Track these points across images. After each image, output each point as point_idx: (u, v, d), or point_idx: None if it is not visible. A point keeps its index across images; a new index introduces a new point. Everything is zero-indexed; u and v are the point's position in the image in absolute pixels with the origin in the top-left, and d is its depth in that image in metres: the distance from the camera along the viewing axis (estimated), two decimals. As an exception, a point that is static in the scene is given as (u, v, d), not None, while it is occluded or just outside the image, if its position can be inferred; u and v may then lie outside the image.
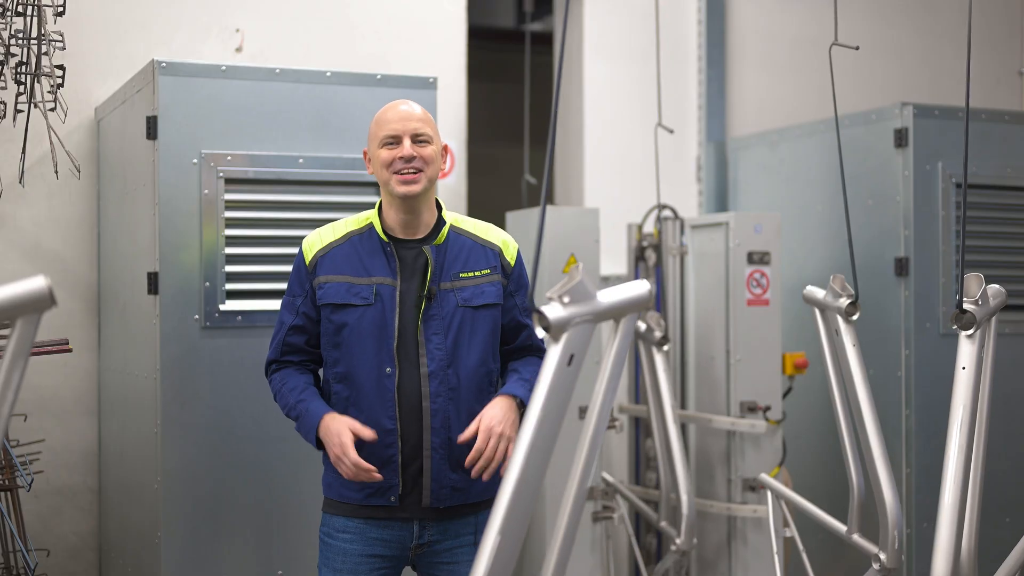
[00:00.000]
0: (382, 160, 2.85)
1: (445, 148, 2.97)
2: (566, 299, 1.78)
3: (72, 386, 4.43)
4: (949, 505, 2.53)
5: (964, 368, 2.61)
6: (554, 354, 1.77)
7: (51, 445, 4.33)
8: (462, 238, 2.93)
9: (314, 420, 2.81)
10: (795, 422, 4.82)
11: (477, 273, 2.90)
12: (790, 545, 4.83)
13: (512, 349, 3.00)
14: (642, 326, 4.75)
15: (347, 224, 2.94)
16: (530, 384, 2.88)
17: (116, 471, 4.21)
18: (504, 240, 2.98)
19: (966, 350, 2.63)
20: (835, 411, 3.44)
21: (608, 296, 1.85)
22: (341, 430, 2.75)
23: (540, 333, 1.80)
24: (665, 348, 4.69)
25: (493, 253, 2.94)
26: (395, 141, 2.85)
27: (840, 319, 3.32)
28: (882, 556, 3.24)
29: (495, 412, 2.76)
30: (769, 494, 3.76)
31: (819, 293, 3.40)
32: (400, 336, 2.82)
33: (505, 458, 2.73)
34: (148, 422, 3.65)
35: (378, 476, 2.75)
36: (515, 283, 2.97)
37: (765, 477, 3.80)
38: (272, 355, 2.97)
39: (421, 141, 2.86)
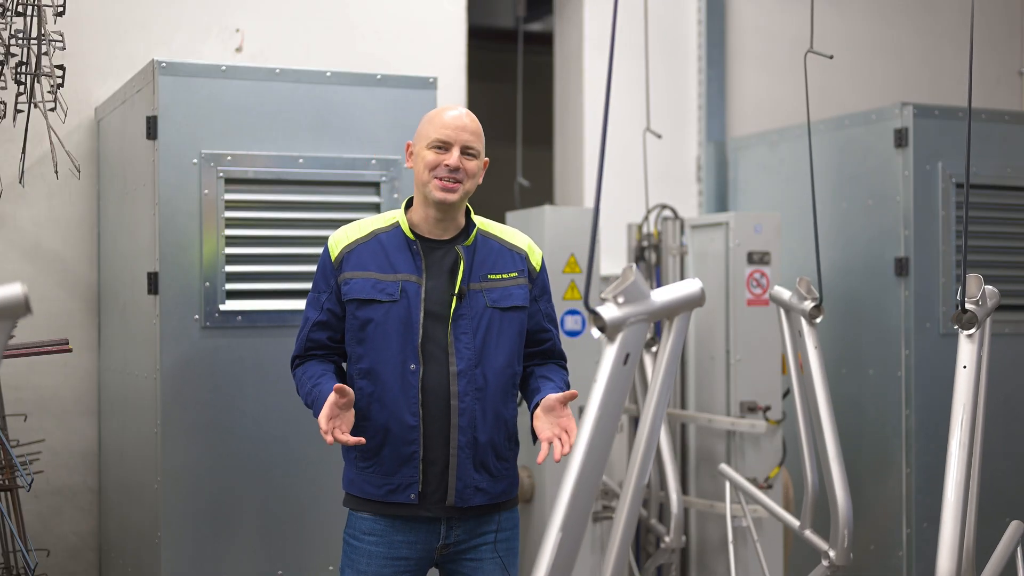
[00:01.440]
0: (427, 162, 2.86)
1: (485, 163, 2.98)
2: (620, 299, 1.81)
3: (72, 386, 4.43)
4: (952, 502, 2.56)
5: (965, 367, 2.65)
6: (610, 354, 1.80)
7: (51, 445, 4.33)
8: (490, 241, 2.95)
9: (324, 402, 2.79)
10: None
11: (505, 276, 2.92)
12: (791, 537, 4.83)
13: (534, 353, 3.01)
14: None
15: (373, 222, 2.96)
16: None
17: (116, 471, 4.21)
18: (530, 245, 3.01)
19: (967, 349, 2.68)
20: (796, 410, 3.52)
21: (662, 295, 1.89)
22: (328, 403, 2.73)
23: (595, 333, 1.82)
24: (653, 349, 4.71)
25: (520, 257, 2.96)
26: (444, 147, 2.86)
27: (803, 321, 3.40)
28: (832, 553, 3.34)
29: (573, 422, 2.75)
30: (727, 485, 3.80)
31: (785, 294, 3.48)
32: (426, 334, 2.83)
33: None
34: (148, 422, 3.65)
35: (353, 440, 2.72)
36: (539, 288, 3.00)
37: (724, 468, 3.83)
38: (297, 351, 2.98)
39: (469, 154, 2.88)
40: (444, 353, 2.83)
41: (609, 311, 1.80)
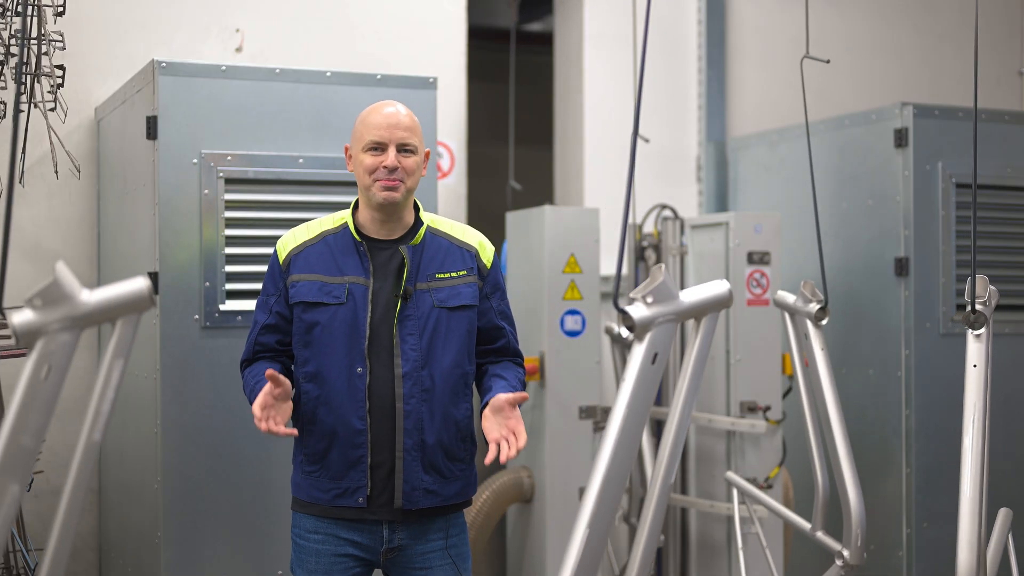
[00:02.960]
0: (365, 166, 2.83)
1: (427, 155, 2.95)
2: (649, 299, 1.84)
3: (72, 386, 4.42)
4: (969, 497, 2.59)
5: (975, 366, 2.68)
6: (638, 353, 1.83)
7: (51, 445, 4.33)
8: (438, 239, 2.91)
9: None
10: (795, 422, 4.82)
11: (453, 274, 2.88)
12: (791, 537, 4.83)
13: (488, 351, 2.97)
14: (615, 328, 4.78)
15: (321, 224, 2.94)
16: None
17: (116, 471, 4.21)
18: (480, 242, 2.96)
19: (976, 348, 2.71)
20: (803, 412, 3.57)
21: (690, 296, 1.92)
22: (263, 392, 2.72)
23: (624, 333, 1.85)
24: None
25: (469, 255, 2.92)
26: (380, 148, 2.83)
27: (809, 324, 3.44)
28: (845, 553, 3.39)
29: (522, 425, 2.74)
30: (735, 492, 3.82)
31: (790, 298, 3.54)
32: (373, 336, 2.81)
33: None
34: (148, 422, 3.65)
35: (286, 432, 2.71)
36: (491, 285, 2.95)
37: (731, 475, 3.85)
38: (245, 355, 2.96)
39: (406, 151, 2.84)
40: (390, 355, 2.80)
41: (638, 311, 1.83)
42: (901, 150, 4.62)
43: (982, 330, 2.72)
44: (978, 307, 2.73)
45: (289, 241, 2.92)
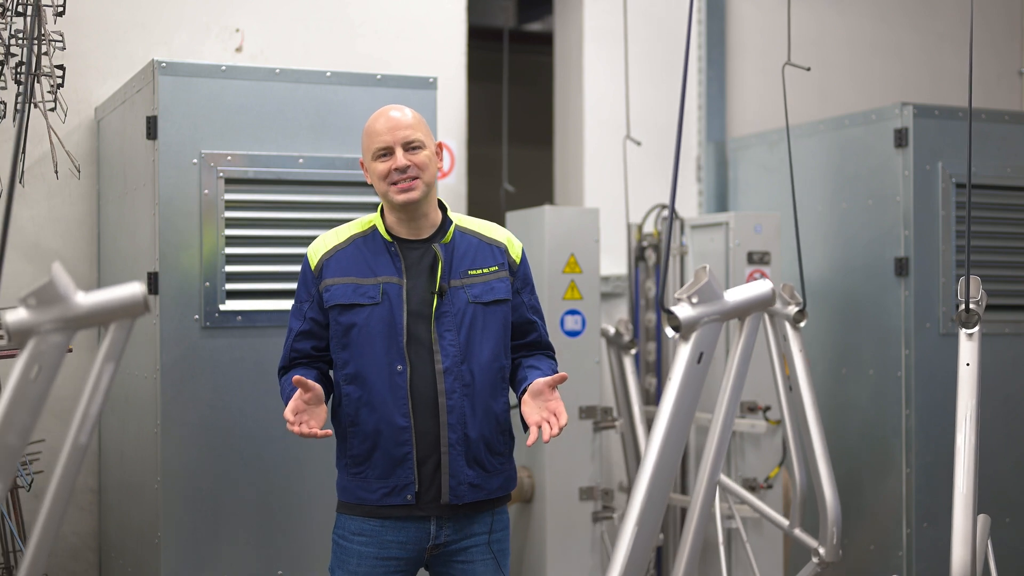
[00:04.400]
0: (378, 173, 2.86)
1: (440, 146, 2.97)
2: (695, 299, 1.86)
3: (72, 386, 4.42)
4: (963, 494, 2.62)
5: (968, 364, 2.71)
6: (684, 353, 1.85)
7: (51, 445, 4.33)
8: (468, 237, 2.95)
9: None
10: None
11: (485, 270, 2.92)
12: (789, 542, 4.83)
13: (520, 345, 3.01)
14: (611, 330, 4.79)
15: (350, 228, 2.96)
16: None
17: (116, 471, 4.21)
18: (509, 238, 3.00)
19: (969, 347, 2.75)
20: (781, 412, 3.63)
21: (734, 296, 1.95)
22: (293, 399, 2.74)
23: (670, 332, 1.86)
24: (633, 352, 4.73)
25: (499, 251, 2.96)
26: (387, 152, 2.85)
27: (788, 325, 3.49)
28: (821, 551, 3.44)
29: (563, 405, 2.78)
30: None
31: None
32: (410, 334, 2.83)
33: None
34: (148, 422, 3.65)
35: (321, 433, 2.72)
36: (521, 280, 2.99)
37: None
38: (282, 362, 2.99)
39: (413, 147, 2.86)
40: (429, 352, 2.83)
41: (684, 311, 1.85)
42: (901, 150, 4.62)
43: (974, 329, 2.75)
44: (972, 307, 2.76)
45: (320, 247, 2.94)
